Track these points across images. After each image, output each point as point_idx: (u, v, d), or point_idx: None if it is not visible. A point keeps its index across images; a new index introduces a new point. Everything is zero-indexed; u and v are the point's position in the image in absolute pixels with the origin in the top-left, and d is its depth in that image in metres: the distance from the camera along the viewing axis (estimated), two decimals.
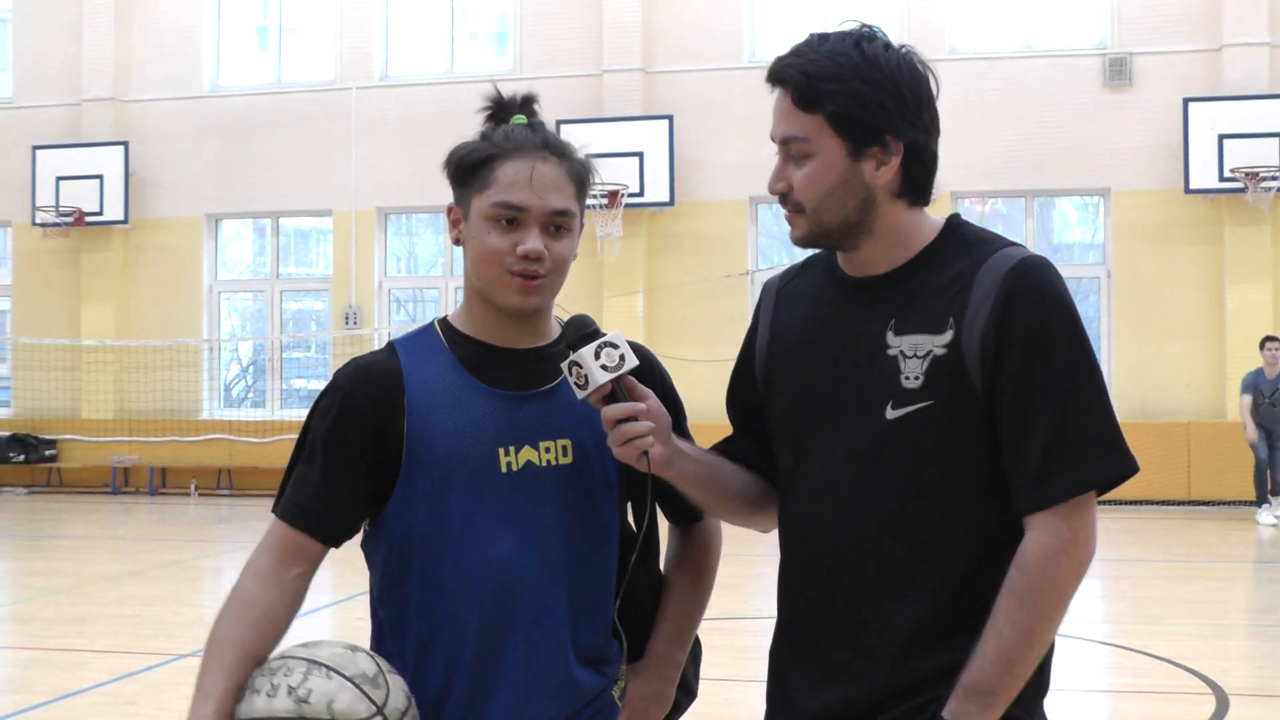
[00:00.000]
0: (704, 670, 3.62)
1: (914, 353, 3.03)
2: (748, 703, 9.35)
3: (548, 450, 3.31)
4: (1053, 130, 22.61)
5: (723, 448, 3.44)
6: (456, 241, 3.37)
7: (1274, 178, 21.05)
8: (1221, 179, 21.34)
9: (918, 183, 3.12)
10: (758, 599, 14.03)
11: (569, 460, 3.33)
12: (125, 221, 25.49)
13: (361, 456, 3.24)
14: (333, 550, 3.31)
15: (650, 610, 3.56)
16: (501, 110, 3.43)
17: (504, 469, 3.27)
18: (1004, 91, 22.54)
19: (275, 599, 3.19)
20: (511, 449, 3.28)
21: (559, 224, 3.28)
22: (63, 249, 25.87)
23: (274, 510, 3.30)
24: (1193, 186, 21.62)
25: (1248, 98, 21.63)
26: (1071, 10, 23.27)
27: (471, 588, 3.24)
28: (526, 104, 3.44)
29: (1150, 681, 10.27)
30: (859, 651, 3.08)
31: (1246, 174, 21.04)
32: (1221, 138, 21.32)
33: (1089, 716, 9.51)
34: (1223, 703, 9.32)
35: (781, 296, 3.37)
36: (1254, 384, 19.44)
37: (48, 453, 25.56)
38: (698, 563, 3.63)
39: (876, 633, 3.06)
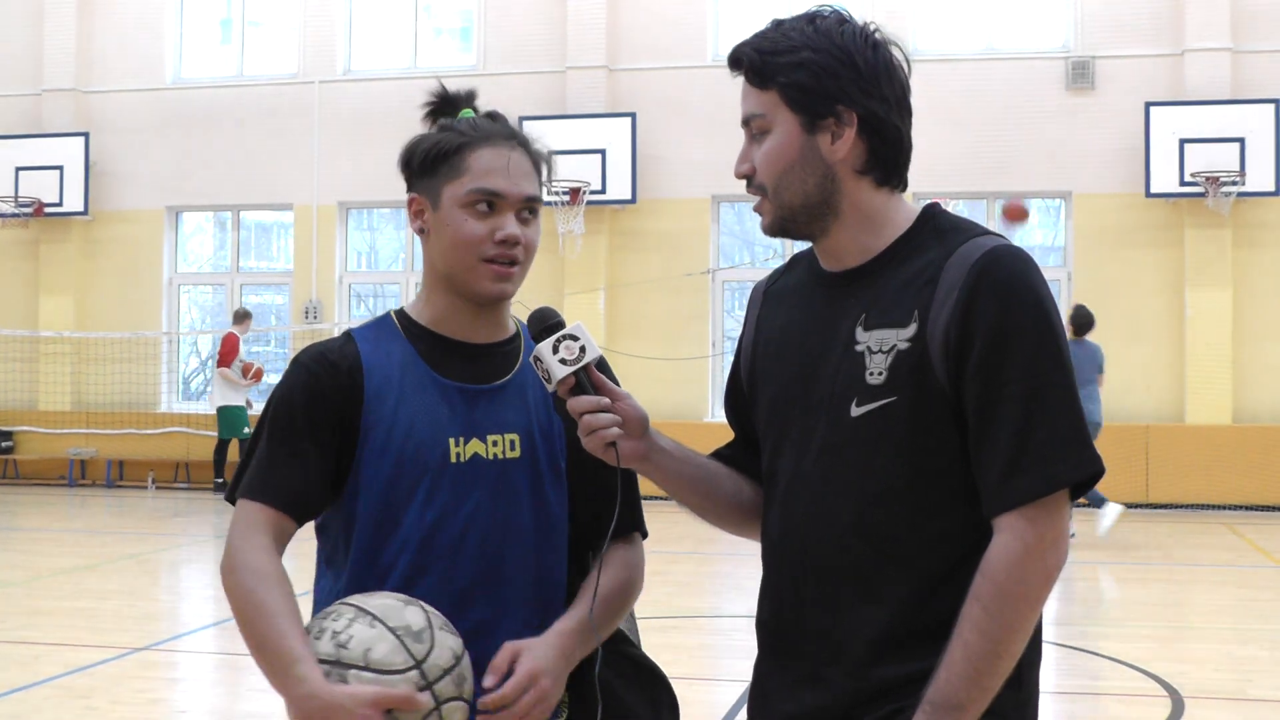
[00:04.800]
0: (662, 668, 3.56)
1: (879, 348, 2.96)
2: (705, 701, 9.36)
3: (495, 444, 3.34)
4: (1015, 132, 22.67)
5: (722, 452, 3.43)
6: (420, 232, 3.37)
7: (1234, 182, 21.13)
8: (1182, 183, 21.40)
9: (881, 158, 3.04)
10: (715, 598, 14.05)
11: (516, 454, 3.36)
12: (85, 213, 25.34)
13: (330, 438, 3.26)
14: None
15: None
16: (447, 105, 3.49)
17: (453, 459, 3.29)
18: (966, 93, 22.58)
19: (285, 573, 3.17)
20: (461, 440, 3.31)
21: (531, 209, 3.34)
22: (21, 240, 25.71)
23: (240, 493, 3.27)
24: (1154, 190, 21.68)
25: (1209, 103, 21.71)
26: (1034, 13, 23.31)
27: (417, 577, 3.24)
28: (470, 98, 3.50)
29: (1106, 684, 10.30)
30: (827, 656, 3.02)
31: (1207, 178, 21.11)
32: (1182, 142, 21.39)
33: (1044, 719, 9.52)
34: (1178, 705, 9.35)
35: (767, 297, 3.34)
36: None
37: (4, 444, 25.40)
38: (632, 572, 3.49)
39: (844, 637, 3.00)
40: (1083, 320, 17.41)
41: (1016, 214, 17.96)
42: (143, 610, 13.24)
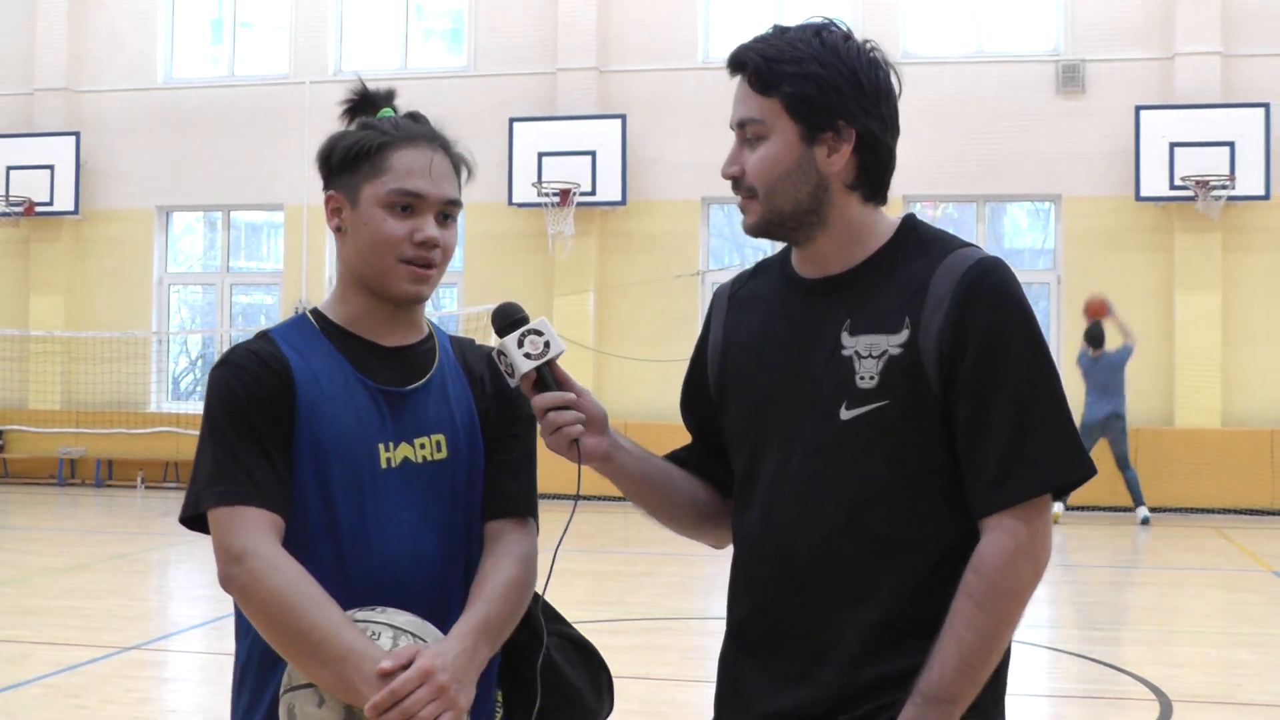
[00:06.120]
0: (651, 669, 3.55)
1: (869, 353, 3.01)
2: (694, 702, 9.36)
3: (423, 446, 3.32)
4: (1005, 136, 22.66)
5: (679, 454, 3.44)
6: (337, 230, 3.35)
7: (1224, 186, 21.12)
8: (1172, 187, 21.40)
9: (872, 176, 3.10)
10: (704, 599, 14.04)
11: (444, 455, 3.34)
12: (76, 212, 25.31)
13: (281, 438, 3.19)
14: None
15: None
16: (366, 103, 3.52)
17: (384, 465, 3.27)
18: (957, 96, 22.57)
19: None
20: (391, 444, 3.28)
21: (449, 213, 3.32)
22: (12, 239, 25.70)
23: (220, 500, 3.11)
24: (1143, 194, 21.68)
25: (1199, 106, 21.71)
26: (1025, 16, 23.32)
27: (354, 580, 3.19)
28: (390, 97, 3.53)
29: (1095, 687, 10.31)
30: (814, 655, 3.05)
31: (1197, 182, 21.11)
32: (1172, 146, 21.38)
33: None
34: (1167, 709, 9.36)
35: (734, 302, 3.35)
36: None
37: None
38: (527, 563, 3.38)
39: (832, 637, 3.03)
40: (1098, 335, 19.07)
41: (1098, 310, 19.74)
42: (133, 610, 13.23)
